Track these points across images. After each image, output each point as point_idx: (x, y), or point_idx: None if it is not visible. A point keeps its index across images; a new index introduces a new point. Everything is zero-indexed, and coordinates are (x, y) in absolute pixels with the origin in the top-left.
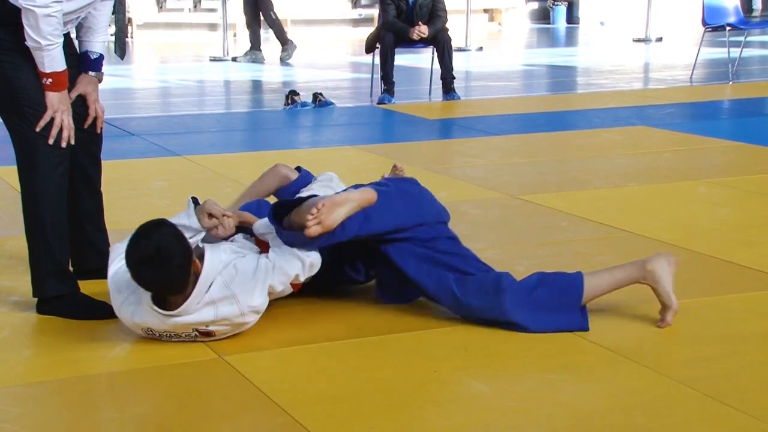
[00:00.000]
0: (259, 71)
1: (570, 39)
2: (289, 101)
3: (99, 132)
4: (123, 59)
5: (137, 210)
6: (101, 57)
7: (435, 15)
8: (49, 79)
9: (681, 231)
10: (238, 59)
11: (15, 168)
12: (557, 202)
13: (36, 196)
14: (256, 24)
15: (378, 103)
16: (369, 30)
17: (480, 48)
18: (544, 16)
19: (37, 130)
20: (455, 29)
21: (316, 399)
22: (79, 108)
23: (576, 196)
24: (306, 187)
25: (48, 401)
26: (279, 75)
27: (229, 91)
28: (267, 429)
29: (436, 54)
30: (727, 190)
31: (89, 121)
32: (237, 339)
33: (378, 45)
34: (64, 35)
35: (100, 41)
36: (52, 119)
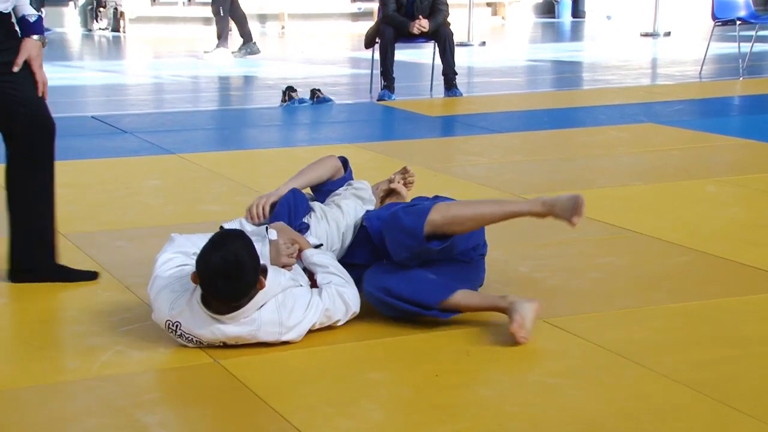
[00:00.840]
0: (255, 67)
1: (575, 33)
2: (287, 97)
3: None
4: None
5: (130, 209)
6: (40, 18)
7: (436, 9)
8: None
9: (689, 231)
10: (234, 54)
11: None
12: None
13: None
14: (237, 19)
15: (378, 100)
16: (368, 24)
17: (483, 43)
18: (548, 9)
19: None
20: (457, 23)
21: (313, 404)
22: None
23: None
24: (339, 190)
25: (39, 406)
26: (276, 71)
27: (224, 87)
28: None
29: (437, 49)
30: (737, 189)
31: (40, 87)
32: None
33: (378, 40)
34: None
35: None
36: None
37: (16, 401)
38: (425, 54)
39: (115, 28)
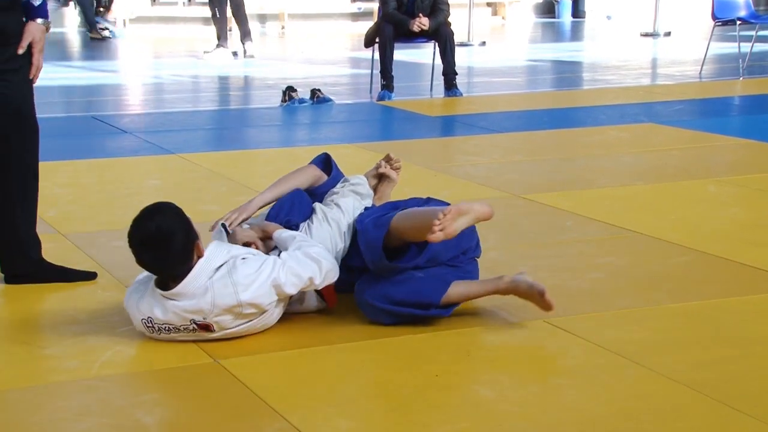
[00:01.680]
0: (255, 67)
1: (575, 33)
2: (287, 97)
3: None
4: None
5: (130, 209)
6: (44, 2)
7: (437, 8)
8: None
9: (689, 231)
10: (237, 55)
11: None
12: (562, 201)
13: None
14: (239, 18)
15: (378, 100)
16: (368, 24)
17: (483, 43)
18: (548, 9)
19: None
20: (457, 23)
21: (314, 404)
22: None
23: (581, 195)
24: (337, 188)
25: (39, 407)
26: (276, 71)
27: (224, 87)
28: None
29: (437, 49)
30: (737, 189)
31: (33, 71)
32: (233, 343)
33: (378, 39)
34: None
35: None
36: None
37: (15, 401)
38: (425, 54)
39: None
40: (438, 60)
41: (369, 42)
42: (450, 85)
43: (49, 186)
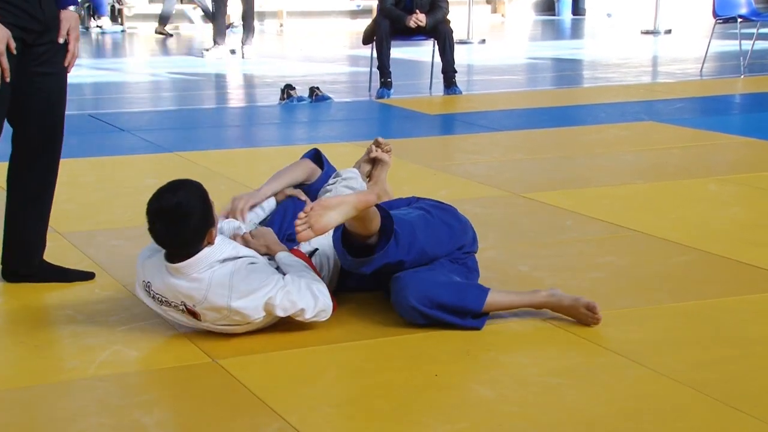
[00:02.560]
0: (254, 65)
1: (576, 31)
2: (285, 96)
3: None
4: None
5: (128, 208)
6: None
7: (436, 5)
8: None
9: (690, 230)
10: (234, 53)
11: None
12: (562, 200)
13: None
14: (247, 21)
15: (377, 98)
16: (367, 22)
17: (482, 40)
18: (548, 7)
19: None
20: (457, 21)
21: (312, 404)
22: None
23: (581, 193)
24: (329, 184)
25: (36, 406)
26: (274, 68)
27: (223, 85)
28: None
29: (437, 47)
30: (738, 187)
31: (69, 59)
32: (231, 342)
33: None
34: None
35: None
36: None
37: (13, 401)
38: (424, 52)
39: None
40: (437, 58)
41: (367, 39)
42: (449, 83)
43: None
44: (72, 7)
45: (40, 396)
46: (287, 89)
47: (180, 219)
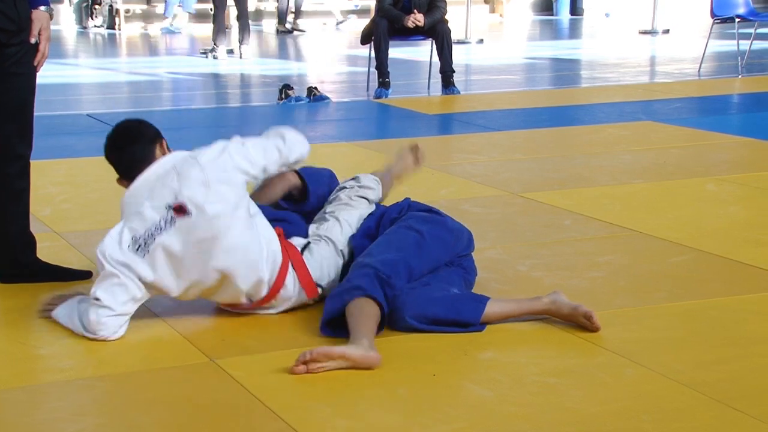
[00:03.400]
0: (252, 65)
1: (574, 31)
2: (283, 96)
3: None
4: None
5: None
6: None
7: (434, 5)
8: None
9: (689, 230)
10: (232, 53)
11: None
12: (560, 199)
13: None
14: (242, 21)
15: (375, 98)
16: (365, 21)
17: (480, 40)
18: (546, 7)
19: None
20: (455, 21)
21: (310, 403)
22: None
23: (580, 193)
24: (346, 189)
25: (34, 407)
26: (272, 68)
27: (221, 85)
28: None
29: (435, 46)
30: (737, 187)
31: (39, 58)
32: (229, 342)
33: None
34: None
35: None
36: None
37: (10, 401)
38: (423, 51)
39: (111, 25)
40: (435, 58)
41: (365, 39)
42: (447, 83)
43: (44, 184)
44: (43, 7)
45: (37, 396)
46: (285, 89)
47: (131, 135)
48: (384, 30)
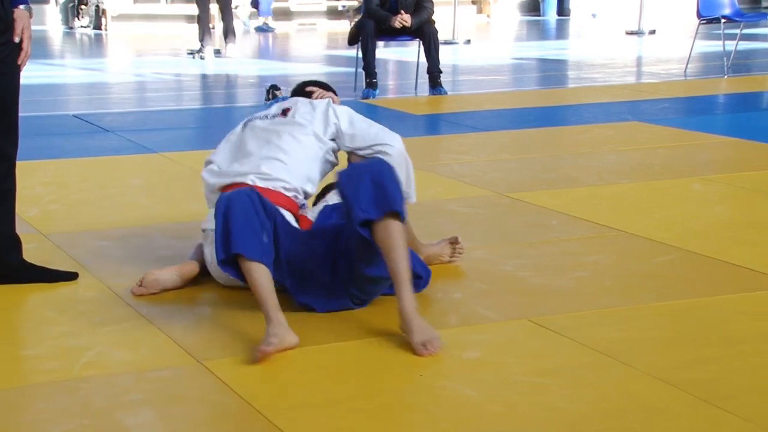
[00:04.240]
0: (239, 65)
1: (561, 31)
2: (271, 96)
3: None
4: None
5: (112, 209)
6: None
7: (421, 6)
8: None
9: (675, 229)
10: (219, 53)
11: None
12: (547, 200)
13: None
14: (224, 16)
15: (362, 98)
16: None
17: (468, 41)
18: (533, 7)
19: None
20: (442, 21)
21: (297, 405)
22: None
23: (567, 193)
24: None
25: (19, 408)
26: (259, 69)
27: (207, 86)
28: None
29: (422, 47)
30: (723, 187)
31: (22, 57)
32: (216, 344)
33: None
34: None
35: None
36: None
37: None
38: (410, 52)
39: (97, 25)
40: (423, 58)
41: (353, 39)
42: (435, 84)
43: (31, 185)
44: (22, 6)
45: (22, 397)
46: (272, 89)
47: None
48: (371, 31)
